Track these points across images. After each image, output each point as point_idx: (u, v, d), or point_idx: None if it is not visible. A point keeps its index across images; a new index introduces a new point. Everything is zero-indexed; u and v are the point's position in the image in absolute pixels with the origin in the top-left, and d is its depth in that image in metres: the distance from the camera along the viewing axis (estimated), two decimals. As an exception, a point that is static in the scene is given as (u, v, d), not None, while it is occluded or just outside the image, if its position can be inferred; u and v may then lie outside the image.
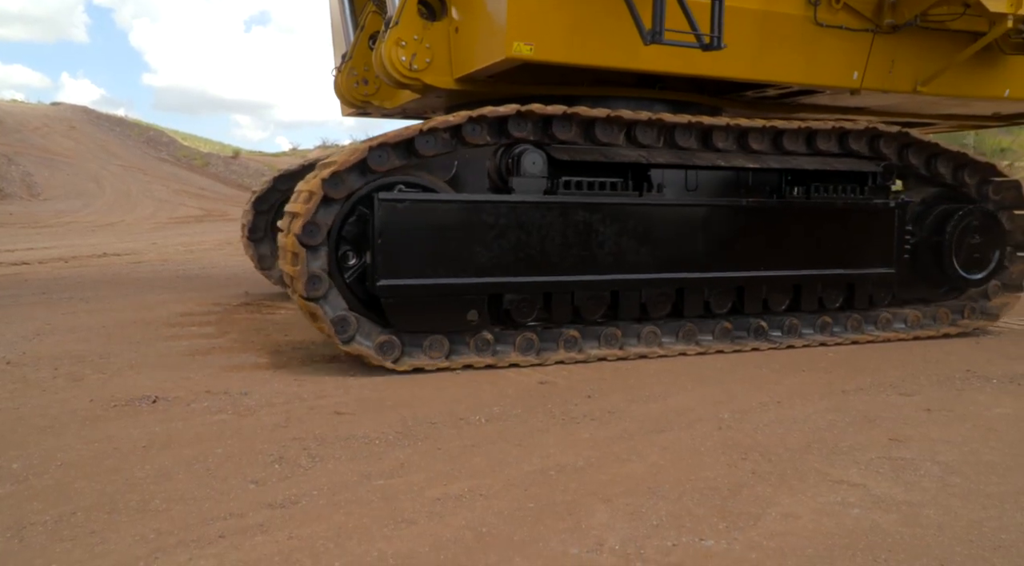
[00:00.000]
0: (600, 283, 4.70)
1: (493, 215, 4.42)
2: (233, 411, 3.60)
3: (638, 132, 4.85)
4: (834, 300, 5.43)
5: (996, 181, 5.89)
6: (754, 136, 5.15)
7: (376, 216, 4.17)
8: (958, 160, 5.74)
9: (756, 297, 5.18)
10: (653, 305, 4.89)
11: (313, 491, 2.65)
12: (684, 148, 4.98)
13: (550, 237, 4.53)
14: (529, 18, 4.58)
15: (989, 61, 5.94)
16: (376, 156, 4.29)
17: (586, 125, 4.75)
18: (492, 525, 2.41)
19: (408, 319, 4.34)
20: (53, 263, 10.17)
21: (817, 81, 5.57)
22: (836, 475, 2.87)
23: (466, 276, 4.37)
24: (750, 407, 3.79)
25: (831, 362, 4.87)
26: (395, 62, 5.02)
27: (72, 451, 3.02)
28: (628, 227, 4.71)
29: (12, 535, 2.30)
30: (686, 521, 2.45)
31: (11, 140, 31.85)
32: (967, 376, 4.50)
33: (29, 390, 3.92)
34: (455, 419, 3.51)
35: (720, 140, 5.06)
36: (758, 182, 5.34)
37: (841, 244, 5.34)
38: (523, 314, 4.59)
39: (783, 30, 5.30)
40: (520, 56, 4.59)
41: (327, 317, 4.22)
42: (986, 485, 2.80)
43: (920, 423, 3.57)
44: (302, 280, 4.17)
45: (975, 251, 5.71)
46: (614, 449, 3.13)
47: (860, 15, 5.47)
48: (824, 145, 5.36)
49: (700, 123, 4.91)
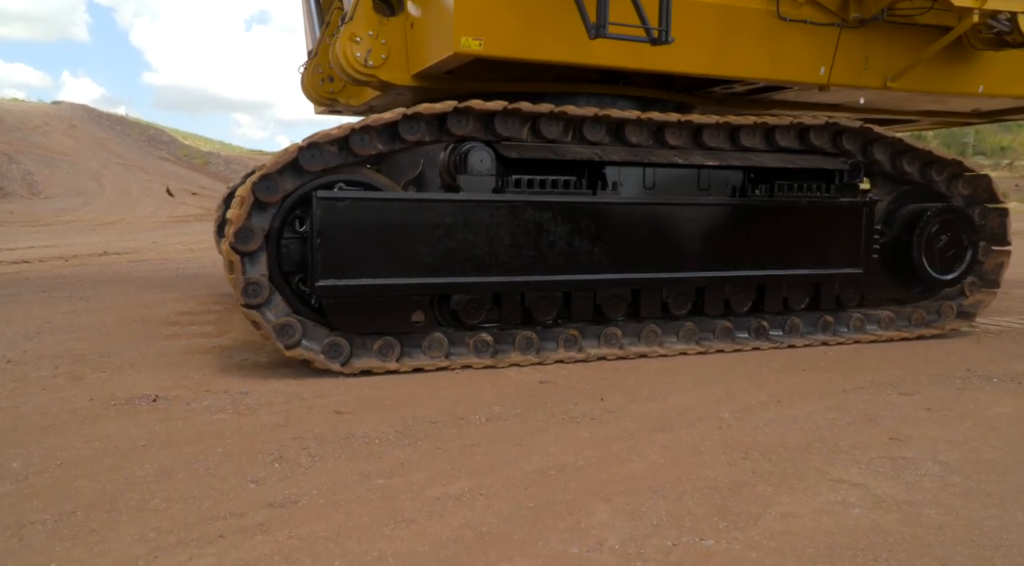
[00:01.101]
0: (551, 283, 4.58)
1: (438, 214, 4.30)
2: (233, 410, 3.60)
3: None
4: (800, 301, 5.31)
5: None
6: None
7: (314, 215, 4.08)
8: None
9: (717, 298, 5.06)
10: (608, 306, 4.78)
11: (313, 490, 2.65)
12: (640, 145, 4.87)
13: (499, 237, 4.42)
14: (477, 13, 4.49)
15: (961, 57, 5.84)
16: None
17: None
18: (492, 524, 2.41)
19: (351, 320, 4.25)
20: (53, 262, 10.17)
21: (782, 77, 5.45)
22: (836, 474, 2.87)
23: (410, 276, 4.27)
24: (750, 406, 3.79)
25: (831, 361, 4.86)
26: (349, 58, 4.93)
27: (72, 450, 3.02)
28: (581, 226, 4.58)
29: (12, 534, 2.30)
30: (686, 520, 2.45)
31: (12, 138, 31.85)
32: (967, 375, 4.50)
33: (29, 389, 3.92)
34: (455, 418, 3.51)
35: (672, 137, 4.92)
36: (720, 180, 5.19)
37: (806, 244, 5.20)
38: (472, 315, 4.49)
39: (745, 25, 5.17)
40: (469, 51, 4.48)
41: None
42: (987, 484, 2.80)
43: (920, 422, 3.56)
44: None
45: (946, 250, 5.57)
46: (614, 448, 3.13)
47: (825, 9, 5.35)
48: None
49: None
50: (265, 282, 4.17)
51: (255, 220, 4.16)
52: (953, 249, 5.61)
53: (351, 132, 4.24)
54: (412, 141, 4.42)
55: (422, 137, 4.44)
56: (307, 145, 4.17)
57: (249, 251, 4.14)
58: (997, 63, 5.95)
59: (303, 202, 4.23)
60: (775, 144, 5.22)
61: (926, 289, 5.70)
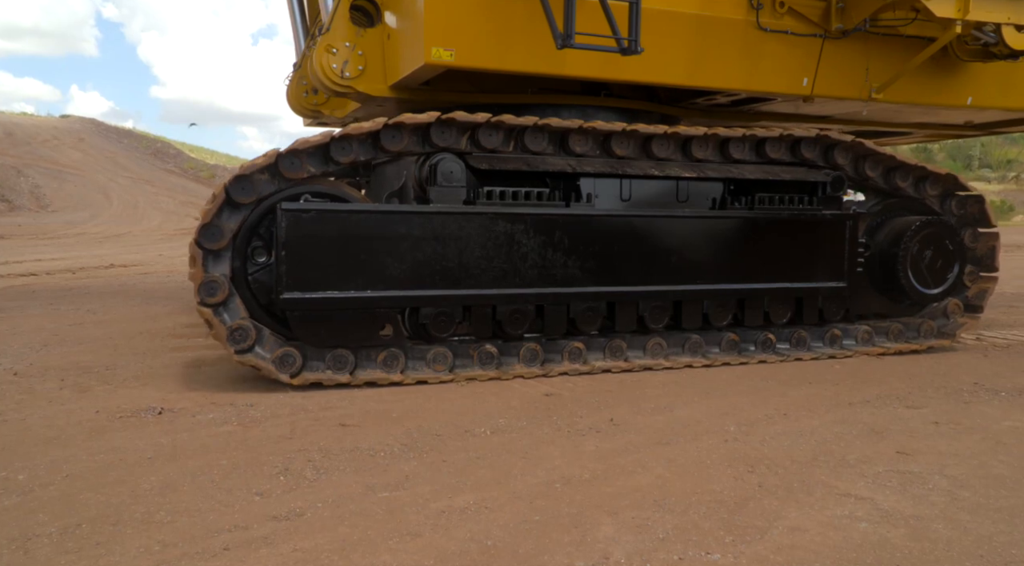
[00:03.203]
0: (523, 297, 4.50)
1: (407, 226, 4.25)
2: (238, 422, 3.60)
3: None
4: (781, 315, 5.18)
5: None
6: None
7: (279, 227, 4.03)
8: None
9: (695, 312, 4.96)
10: (582, 320, 4.69)
11: (318, 503, 2.65)
12: (619, 157, 4.82)
13: (469, 249, 4.36)
14: (449, 23, 4.45)
15: (949, 68, 5.78)
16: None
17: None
18: (497, 538, 2.40)
19: (315, 334, 4.18)
20: (61, 274, 10.23)
21: (764, 88, 5.39)
22: (843, 488, 2.85)
23: (378, 289, 4.21)
24: (756, 419, 3.77)
25: (837, 374, 4.84)
26: (326, 69, 4.89)
27: (78, 462, 3.02)
28: (554, 239, 4.51)
29: (17, 547, 2.30)
30: (692, 534, 2.44)
31: (20, 152, 32.15)
32: (975, 389, 4.47)
33: (36, 401, 3.93)
34: (460, 431, 3.50)
35: (620, 147, 4.83)
36: (699, 192, 5.10)
37: (788, 257, 5.11)
38: (441, 328, 4.42)
39: (724, 35, 5.11)
40: (440, 62, 4.44)
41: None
42: (996, 499, 2.77)
43: (928, 436, 3.54)
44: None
45: (932, 265, 5.43)
46: (620, 461, 3.12)
47: (807, 20, 5.31)
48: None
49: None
50: (226, 282, 4.11)
51: (224, 219, 4.11)
52: (939, 264, 5.45)
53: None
54: (393, 151, 4.38)
55: (399, 147, 4.38)
56: (288, 151, 4.17)
57: (214, 249, 4.10)
58: (985, 75, 5.89)
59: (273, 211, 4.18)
60: (756, 156, 5.16)
61: (914, 303, 5.57)
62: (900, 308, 5.63)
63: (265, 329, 4.23)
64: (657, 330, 4.91)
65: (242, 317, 4.16)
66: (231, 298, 4.18)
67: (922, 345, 5.53)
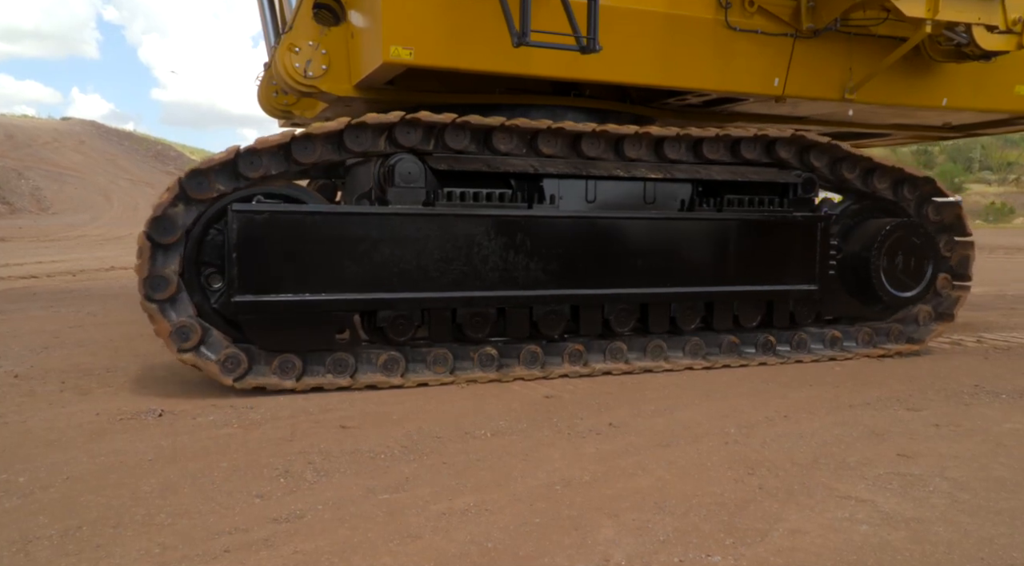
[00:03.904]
0: (484, 299, 4.40)
1: (363, 228, 4.17)
2: (239, 425, 3.60)
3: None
4: (751, 318, 5.09)
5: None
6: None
7: (230, 228, 3.95)
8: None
9: (662, 315, 4.88)
10: (545, 323, 4.62)
11: (318, 505, 2.65)
12: (586, 158, 4.73)
13: (428, 251, 4.27)
14: (407, 22, 4.37)
15: (923, 69, 5.72)
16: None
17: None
18: (498, 540, 2.40)
19: (269, 337, 4.11)
20: (61, 276, 10.24)
21: (734, 88, 5.30)
22: (844, 491, 2.85)
23: (333, 292, 4.12)
24: (757, 421, 3.77)
25: (838, 376, 4.84)
26: (288, 68, 4.81)
27: (78, 465, 3.03)
28: (516, 241, 4.42)
29: (18, 549, 2.30)
30: (693, 537, 2.44)
31: (21, 155, 32.20)
32: (975, 391, 4.47)
33: (36, 403, 3.93)
34: (461, 433, 3.50)
35: (587, 147, 4.75)
36: (668, 194, 4.99)
37: (758, 259, 5.00)
38: (399, 332, 4.34)
39: (692, 34, 5.02)
40: (398, 61, 4.38)
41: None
42: (996, 501, 2.77)
43: (929, 438, 3.54)
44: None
45: (906, 267, 5.33)
46: (620, 463, 3.12)
47: (777, 19, 5.22)
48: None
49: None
50: (175, 278, 4.03)
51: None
52: (913, 266, 5.35)
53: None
54: (356, 151, 4.29)
55: (363, 148, 4.30)
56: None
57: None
58: (960, 76, 5.83)
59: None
60: (727, 156, 5.05)
61: (888, 307, 5.48)
62: (873, 311, 5.52)
63: (213, 329, 4.15)
64: (621, 334, 4.83)
65: (189, 315, 4.07)
66: (179, 294, 4.08)
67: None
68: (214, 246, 4.21)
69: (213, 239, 4.20)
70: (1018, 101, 6.09)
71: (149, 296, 4.00)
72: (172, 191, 4.02)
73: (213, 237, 4.20)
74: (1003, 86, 6.00)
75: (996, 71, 5.85)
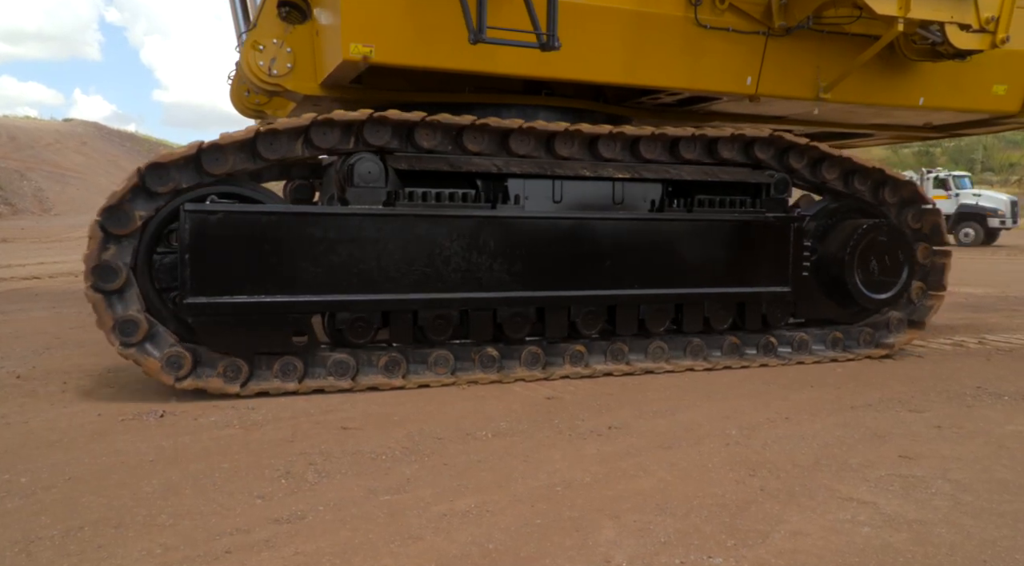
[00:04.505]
0: (445, 302, 4.33)
1: (321, 228, 4.08)
2: (240, 425, 3.60)
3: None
4: (722, 321, 5.01)
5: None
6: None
7: (183, 229, 3.85)
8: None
9: (630, 317, 4.80)
10: (510, 325, 4.53)
11: (319, 506, 2.65)
12: (556, 157, 4.66)
13: (388, 252, 4.18)
14: (367, 19, 4.29)
15: (899, 68, 5.64)
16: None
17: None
18: (499, 541, 2.40)
19: (222, 340, 4.01)
20: (63, 277, 10.26)
21: (706, 86, 5.22)
22: (846, 492, 2.85)
23: (290, 294, 4.03)
24: (758, 423, 3.77)
25: (839, 378, 4.83)
26: (253, 67, 4.75)
27: (80, 465, 3.03)
28: (479, 242, 4.34)
29: (20, 550, 2.31)
30: (694, 538, 2.43)
31: (24, 156, 32.28)
32: (978, 393, 4.46)
33: (38, 404, 3.94)
34: (462, 434, 3.50)
35: (565, 148, 4.68)
36: (637, 194, 4.89)
37: (728, 260, 4.93)
38: (358, 334, 4.27)
39: (660, 32, 4.93)
40: (358, 59, 4.31)
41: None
42: (999, 503, 2.77)
43: (931, 440, 3.53)
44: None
45: (880, 268, 5.24)
46: (621, 465, 3.11)
47: (748, 16, 5.13)
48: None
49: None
50: (124, 270, 3.94)
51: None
52: (887, 267, 5.27)
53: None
54: (323, 148, 4.22)
55: (330, 144, 4.21)
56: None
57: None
58: (936, 75, 5.75)
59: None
60: (682, 156, 4.95)
61: (864, 309, 5.39)
62: (849, 314, 5.45)
63: (161, 326, 4.06)
64: (589, 336, 4.76)
65: (136, 310, 3.97)
66: (128, 288, 3.98)
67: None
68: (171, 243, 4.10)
69: (170, 235, 4.10)
70: (996, 101, 6.02)
71: (96, 286, 3.90)
72: (131, 181, 3.92)
73: (171, 233, 4.11)
74: (981, 85, 5.93)
75: (973, 70, 5.79)
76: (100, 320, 3.93)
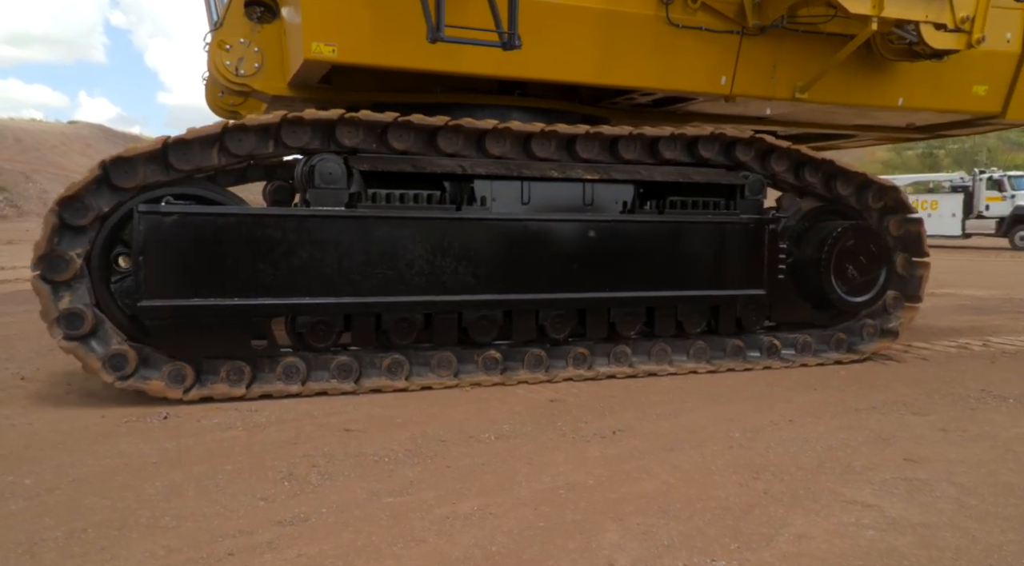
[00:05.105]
0: (409, 305, 4.26)
1: (280, 230, 4.00)
2: (243, 427, 3.61)
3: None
4: (695, 324, 4.95)
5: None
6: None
7: (137, 230, 3.79)
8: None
9: (600, 321, 4.74)
10: (476, 329, 4.47)
11: (322, 508, 2.65)
12: (507, 158, 4.59)
13: (349, 255, 4.11)
14: (329, 18, 4.22)
15: (877, 68, 5.54)
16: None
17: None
18: (502, 544, 2.39)
19: (178, 343, 3.95)
20: (68, 279, 10.26)
21: (679, 86, 5.13)
22: (850, 495, 2.84)
23: (248, 297, 3.96)
24: (762, 425, 3.76)
25: (843, 380, 4.82)
26: (220, 67, 4.70)
27: (84, 467, 3.03)
28: (443, 244, 4.27)
29: (24, 551, 2.31)
30: (697, 541, 2.43)
31: (29, 158, 32.39)
32: (982, 395, 4.44)
33: (43, 405, 3.95)
34: (465, 436, 3.50)
35: (540, 149, 4.61)
36: (608, 196, 4.83)
37: (701, 263, 4.86)
38: (320, 338, 4.20)
39: (631, 31, 4.84)
40: (321, 58, 4.25)
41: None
42: (1005, 507, 2.75)
43: (935, 443, 3.52)
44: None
45: (857, 271, 5.17)
46: (625, 467, 3.11)
47: (721, 15, 5.04)
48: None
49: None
50: (76, 261, 3.88)
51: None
52: (864, 270, 5.20)
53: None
54: (294, 147, 4.19)
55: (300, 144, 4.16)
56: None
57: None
58: (916, 75, 5.66)
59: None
60: (660, 157, 4.90)
61: (842, 312, 5.32)
62: (827, 317, 5.39)
63: (109, 323, 4.00)
64: (557, 340, 4.68)
65: (84, 303, 3.90)
66: (79, 281, 3.92)
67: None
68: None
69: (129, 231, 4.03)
70: (977, 101, 5.95)
71: (44, 276, 3.83)
72: (94, 173, 3.87)
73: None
74: (961, 86, 5.86)
75: (953, 71, 5.71)
76: (44, 311, 3.86)
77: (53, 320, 3.86)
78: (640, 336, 4.93)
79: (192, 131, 4.03)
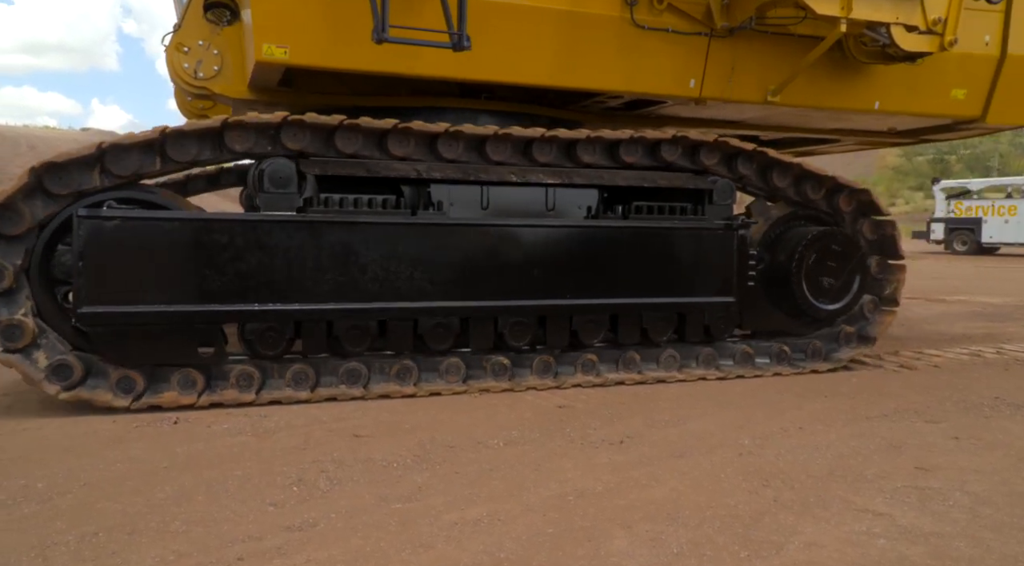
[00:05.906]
0: (362, 312, 4.17)
1: (227, 235, 3.92)
2: (253, 433, 3.62)
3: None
4: (661, 332, 4.83)
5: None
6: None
7: (77, 236, 3.70)
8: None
9: (561, 328, 4.64)
10: (432, 337, 4.39)
11: (331, 514, 2.65)
12: (462, 161, 4.51)
13: (299, 260, 4.03)
14: (280, 19, 4.14)
15: (852, 71, 5.38)
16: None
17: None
18: (510, 550, 2.39)
19: (121, 351, 3.88)
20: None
21: (646, 89, 5.02)
22: (861, 504, 2.81)
23: (193, 304, 3.88)
24: (771, 432, 3.74)
25: (854, 387, 4.79)
26: (178, 69, 4.60)
27: (95, 471, 3.05)
28: (398, 250, 4.19)
29: (36, 554, 2.33)
30: (707, 549, 2.41)
31: (42, 165, 32.69)
32: (995, 403, 4.40)
33: (53, 410, 3.97)
34: (473, 442, 3.50)
35: (496, 152, 4.53)
36: (571, 200, 4.74)
37: (668, 269, 4.74)
38: (269, 345, 4.13)
39: (594, 33, 4.72)
40: (272, 60, 4.17)
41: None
42: (1019, 517, 2.72)
43: (948, 451, 3.48)
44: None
45: (829, 278, 5.08)
46: (633, 474, 3.10)
47: (688, 17, 4.91)
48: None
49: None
50: (10, 271, 3.79)
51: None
52: (837, 277, 5.11)
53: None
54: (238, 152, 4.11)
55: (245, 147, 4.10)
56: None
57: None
58: (892, 79, 5.50)
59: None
60: (621, 160, 4.79)
61: (815, 319, 5.21)
62: (799, 325, 5.28)
63: (52, 332, 3.91)
64: (517, 348, 4.58)
65: (23, 314, 3.80)
66: (18, 292, 3.83)
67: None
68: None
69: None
70: (956, 105, 5.80)
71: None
72: (22, 180, 3.77)
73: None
74: (938, 89, 5.71)
75: (930, 74, 5.58)
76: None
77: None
78: (639, 343, 4.84)
79: (131, 136, 3.98)
